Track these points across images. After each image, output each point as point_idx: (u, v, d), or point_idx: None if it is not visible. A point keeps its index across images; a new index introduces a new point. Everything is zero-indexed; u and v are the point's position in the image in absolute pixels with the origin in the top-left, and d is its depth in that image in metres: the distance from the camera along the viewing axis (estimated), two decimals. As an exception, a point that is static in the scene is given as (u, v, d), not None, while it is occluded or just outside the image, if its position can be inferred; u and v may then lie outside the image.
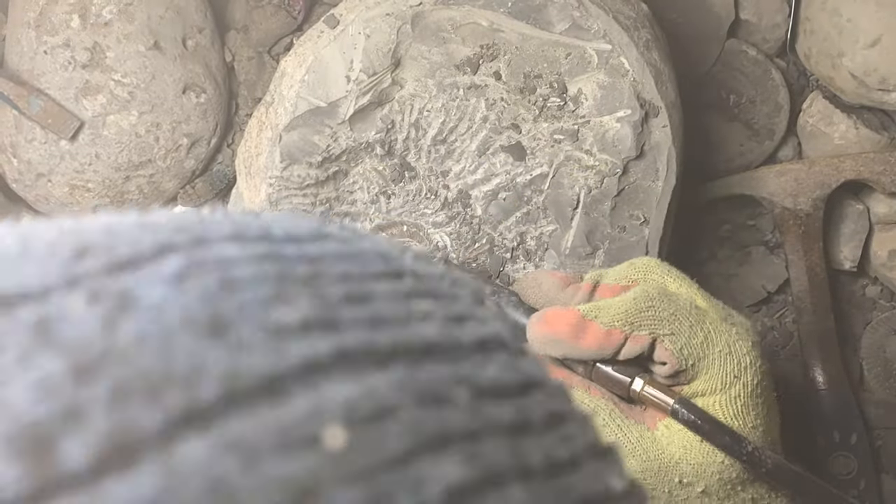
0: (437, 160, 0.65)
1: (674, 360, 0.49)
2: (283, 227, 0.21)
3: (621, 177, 0.64)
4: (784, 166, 0.77)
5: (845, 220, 0.79)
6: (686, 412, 0.48)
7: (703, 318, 0.49)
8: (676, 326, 0.49)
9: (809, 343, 0.76)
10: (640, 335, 0.49)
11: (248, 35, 0.79)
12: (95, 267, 0.17)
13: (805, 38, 0.77)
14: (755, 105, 0.79)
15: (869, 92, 0.75)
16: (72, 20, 0.72)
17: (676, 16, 0.77)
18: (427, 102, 0.64)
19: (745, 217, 0.80)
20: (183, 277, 0.17)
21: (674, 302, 0.50)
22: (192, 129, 0.75)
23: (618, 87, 0.64)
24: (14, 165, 0.74)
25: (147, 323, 0.16)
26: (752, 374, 0.49)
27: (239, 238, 0.19)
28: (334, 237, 0.21)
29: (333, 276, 0.19)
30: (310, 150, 0.65)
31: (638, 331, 0.49)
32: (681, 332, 0.49)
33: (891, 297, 0.80)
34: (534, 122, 0.64)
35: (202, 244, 0.18)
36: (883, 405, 0.78)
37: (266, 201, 0.65)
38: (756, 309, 0.80)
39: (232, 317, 0.17)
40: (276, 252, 0.19)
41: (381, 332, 0.18)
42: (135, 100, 0.73)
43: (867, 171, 0.75)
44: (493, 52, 0.64)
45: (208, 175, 0.78)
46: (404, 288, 0.20)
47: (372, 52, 0.64)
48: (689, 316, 0.49)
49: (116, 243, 0.18)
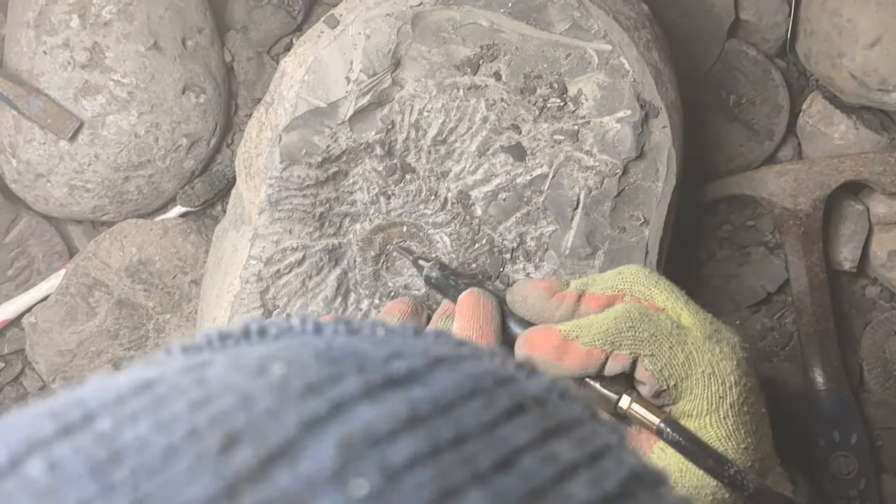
0: (436, 161, 0.65)
1: (653, 381, 0.49)
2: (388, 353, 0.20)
3: (621, 177, 0.64)
4: (784, 166, 0.77)
5: (845, 220, 0.79)
6: (671, 431, 0.48)
7: (684, 338, 0.49)
8: (656, 347, 0.49)
9: (809, 343, 0.76)
10: (621, 354, 0.49)
11: (248, 35, 0.79)
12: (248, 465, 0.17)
13: (805, 38, 0.77)
14: (755, 105, 0.79)
15: (869, 92, 0.75)
16: (71, 20, 0.72)
17: (676, 16, 0.77)
18: (427, 103, 0.64)
19: (745, 217, 0.80)
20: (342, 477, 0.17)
21: (654, 322, 0.49)
22: (191, 130, 0.75)
23: (618, 88, 0.63)
24: (13, 165, 0.74)
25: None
26: (737, 394, 0.49)
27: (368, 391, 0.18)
28: (445, 359, 0.20)
29: (475, 435, 0.18)
30: (310, 151, 0.65)
31: (618, 350, 0.49)
32: (661, 353, 0.49)
33: (891, 297, 0.80)
34: (534, 123, 0.64)
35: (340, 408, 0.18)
36: (883, 405, 0.78)
37: (266, 202, 0.65)
38: (756, 309, 0.80)
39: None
40: (414, 411, 0.18)
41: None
42: (134, 100, 0.73)
43: (867, 172, 0.75)
44: (493, 53, 0.64)
45: (208, 175, 0.78)
46: (537, 427, 0.19)
47: (372, 52, 0.64)
48: (669, 336, 0.49)
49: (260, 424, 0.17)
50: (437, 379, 0.19)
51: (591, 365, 0.50)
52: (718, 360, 0.49)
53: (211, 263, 0.70)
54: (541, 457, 0.18)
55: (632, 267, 0.54)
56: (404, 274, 0.67)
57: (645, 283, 0.52)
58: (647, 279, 0.52)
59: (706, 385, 0.49)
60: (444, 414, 0.18)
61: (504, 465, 0.18)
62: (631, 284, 0.52)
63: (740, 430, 0.49)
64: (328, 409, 0.18)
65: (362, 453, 0.17)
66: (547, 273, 0.65)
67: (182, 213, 0.78)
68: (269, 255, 0.65)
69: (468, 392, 0.19)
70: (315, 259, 0.66)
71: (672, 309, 0.51)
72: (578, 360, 0.49)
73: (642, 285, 0.52)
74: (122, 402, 0.18)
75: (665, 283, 0.52)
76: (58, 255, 0.78)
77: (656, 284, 0.52)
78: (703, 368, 0.49)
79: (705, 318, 0.51)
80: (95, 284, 0.75)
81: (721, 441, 0.48)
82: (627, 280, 0.53)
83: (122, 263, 0.75)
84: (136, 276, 0.75)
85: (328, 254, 0.66)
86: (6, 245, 0.77)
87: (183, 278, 0.76)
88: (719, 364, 0.49)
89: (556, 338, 0.50)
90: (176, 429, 0.17)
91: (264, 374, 0.19)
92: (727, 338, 0.51)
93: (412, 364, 0.19)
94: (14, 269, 0.77)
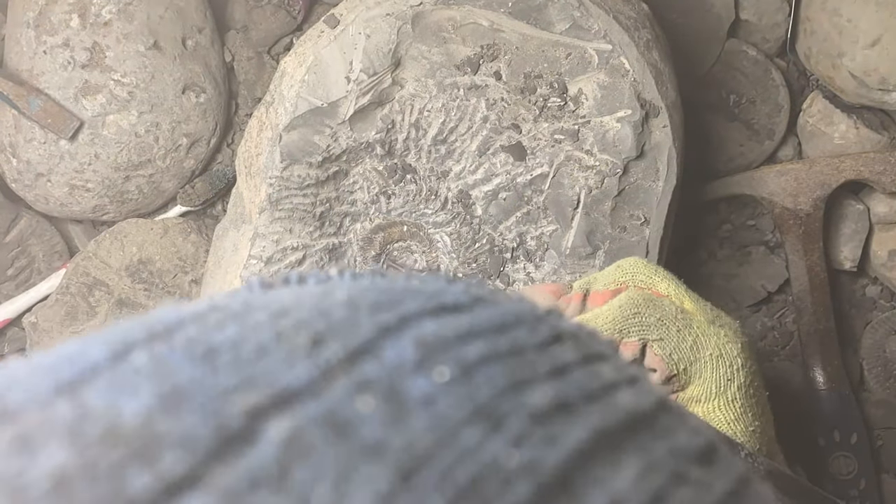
0: (437, 160, 0.65)
1: (664, 366, 0.49)
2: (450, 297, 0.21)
3: (622, 177, 0.64)
4: (784, 166, 0.77)
5: (845, 220, 0.79)
6: None
7: (690, 322, 0.49)
8: (664, 331, 0.49)
9: (809, 343, 0.76)
10: (631, 341, 0.49)
11: (248, 35, 0.79)
12: (338, 356, 0.18)
13: (805, 38, 0.77)
14: (755, 105, 0.79)
15: (869, 92, 0.75)
16: (71, 20, 0.72)
17: (676, 16, 0.77)
18: (427, 102, 0.64)
19: (746, 217, 0.80)
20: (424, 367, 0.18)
21: (659, 307, 0.50)
22: (191, 129, 0.75)
23: (618, 88, 0.63)
24: (13, 165, 0.74)
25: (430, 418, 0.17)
26: (744, 376, 0.49)
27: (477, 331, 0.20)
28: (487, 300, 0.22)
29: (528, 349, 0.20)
30: (310, 150, 0.65)
31: (628, 337, 0.49)
32: (669, 336, 0.49)
33: (891, 297, 0.80)
34: (534, 122, 0.64)
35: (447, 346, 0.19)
36: (883, 405, 0.78)
37: (266, 201, 0.65)
38: (756, 309, 0.80)
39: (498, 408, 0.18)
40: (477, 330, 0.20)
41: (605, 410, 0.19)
42: (134, 99, 0.73)
43: (867, 171, 0.75)
44: (493, 52, 0.64)
45: (208, 175, 0.78)
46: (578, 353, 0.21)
47: (372, 52, 0.64)
48: (675, 321, 0.49)
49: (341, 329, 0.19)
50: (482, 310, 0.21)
51: None
52: (724, 343, 0.49)
53: (211, 263, 0.70)
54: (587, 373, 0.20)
55: (630, 259, 0.54)
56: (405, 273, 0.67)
57: (645, 272, 0.52)
58: (647, 268, 0.53)
59: (714, 367, 0.49)
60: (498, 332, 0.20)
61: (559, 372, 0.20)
62: (632, 275, 0.53)
63: (748, 413, 0.49)
64: (397, 320, 0.19)
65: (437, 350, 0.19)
66: (547, 273, 0.65)
67: (182, 213, 0.78)
68: (270, 255, 0.65)
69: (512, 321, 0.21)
70: (315, 258, 0.66)
71: (675, 295, 0.51)
72: None
73: (643, 274, 0.52)
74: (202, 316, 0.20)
75: (664, 272, 0.53)
76: (58, 255, 0.78)
77: (656, 273, 0.52)
78: (710, 351, 0.49)
79: (705, 304, 0.52)
80: (96, 284, 0.75)
81: (730, 424, 0.49)
82: (628, 272, 0.53)
83: (123, 263, 0.75)
84: (136, 275, 0.75)
85: (328, 253, 0.66)
86: (6, 244, 0.77)
87: (183, 278, 0.76)
88: (726, 346, 0.49)
89: None
90: (263, 332, 0.19)
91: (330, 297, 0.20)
92: (728, 322, 0.51)
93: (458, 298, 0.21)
94: (14, 269, 0.77)
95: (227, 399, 0.17)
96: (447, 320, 0.20)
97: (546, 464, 0.17)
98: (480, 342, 0.19)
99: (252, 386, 0.17)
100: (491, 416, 0.18)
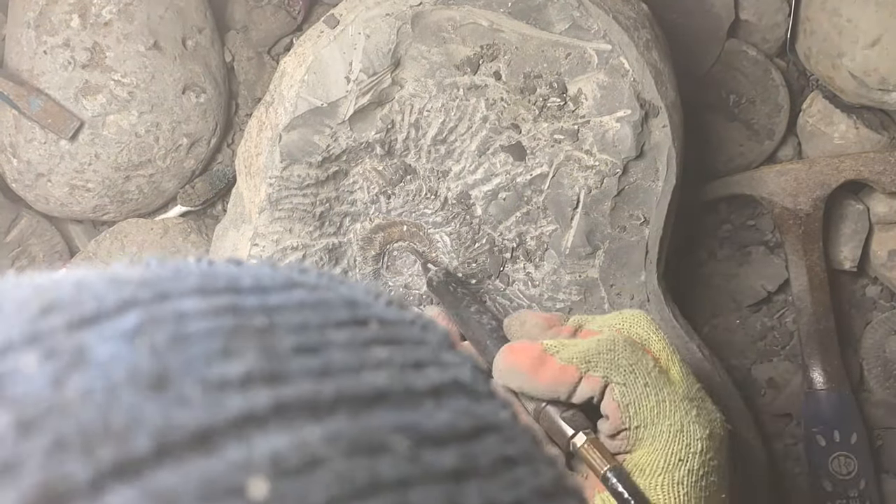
0: (436, 160, 0.65)
1: (617, 415, 0.47)
2: (253, 277, 0.21)
3: (621, 177, 0.64)
4: (784, 166, 0.77)
5: (845, 220, 0.79)
6: (616, 482, 0.45)
7: (662, 385, 0.47)
8: (631, 379, 0.47)
9: (809, 343, 0.76)
10: (594, 376, 0.48)
11: (248, 35, 0.79)
12: (58, 324, 0.18)
13: (805, 38, 0.77)
14: (755, 105, 0.79)
15: (869, 92, 0.75)
16: (71, 20, 0.72)
17: (676, 16, 0.77)
18: (427, 102, 0.64)
19: (746, 217, 0.80)
20: (137, 333, 0.18)
21: (637, 357, 0.48)
22: (191, 129, 0.75)
23: (618, 87, 0.63)
24: (14, 165, 0.74)
25: (94, 379, 0.17)
26: (699, 463, 0.46)
27: (202, 291, 0.20)
28: (304, 285, 0.22)
29: (289, 327, 0.20)
30: (310, 150, 0.65)
31: (593, 371, 0.48)
32: (633, 386, 0.47)
33: (891, 297, 0.80)
34: (534, 122, 0.64)
35: (163, 299, 0.19)
36: (883, 405, 0.78)
37: (266, 201, 0.65)
38: (756, 308, 0.80)
39: (176, 372, 0.17)
40: (236, 304, 0.20)
41: (327, 383, 0.18)
42: (134, 100, 0.73)
43: (867, 171, 0.75)
44: (493, 52, 0.64)
45: (208, 175, 0.78)
46: (365, 336, 0.20)
47: (372, 52, 0.64)
48: (646, 375, 0.47)
49: (83, 299, 0.19)
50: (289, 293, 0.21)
51: (563, 383, 0.48)
52: (691, 422, 0.47)
53: (211, 263, 0.70)
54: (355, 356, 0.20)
55: (635, 311, 0.53)
56: (404, 273, 0.67)
57: (645, 328, 0.51)
58: (649, 326, 0.51)
59: (669, 441, 0.46)
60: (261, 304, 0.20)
61: (310, 350, 0.19)
62: (630, 325, 0.51)
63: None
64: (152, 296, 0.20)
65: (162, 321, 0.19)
66: (547, 273, 0.65)
67: (182, 213, 0.78)
68: (270, 255, 0.65)
69: (309, 304, 0.21)
70: (315, 258, 0.66)
71: (665, 360, 0.50)
72: (552, 374, 0.48)
73: (642, 328, 0.51)
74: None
75: (664, 336, 0.51)
76: (58, 255, 0.78)
77: (656, 332, 0.51)
78: (670, 422, 0.46)
79: (693, 383, 0.50)
80: (96, 284, 0.75)
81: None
82: (627, 321, 0.51)
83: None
84: (136, 275, 0.75)
85: (328, 253, 0.66)
86: (7, 244, 0.77)
87: (183, 278, 0.76)
88: (691, 425, 0.47)
89: (536, 349, 0.49)
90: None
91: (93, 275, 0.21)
92: (709, 409, 0.49)
93: (270, 282, 0.21)
94: (15, 269, 0.77)
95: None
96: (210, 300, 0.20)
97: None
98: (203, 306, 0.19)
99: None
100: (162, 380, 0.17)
